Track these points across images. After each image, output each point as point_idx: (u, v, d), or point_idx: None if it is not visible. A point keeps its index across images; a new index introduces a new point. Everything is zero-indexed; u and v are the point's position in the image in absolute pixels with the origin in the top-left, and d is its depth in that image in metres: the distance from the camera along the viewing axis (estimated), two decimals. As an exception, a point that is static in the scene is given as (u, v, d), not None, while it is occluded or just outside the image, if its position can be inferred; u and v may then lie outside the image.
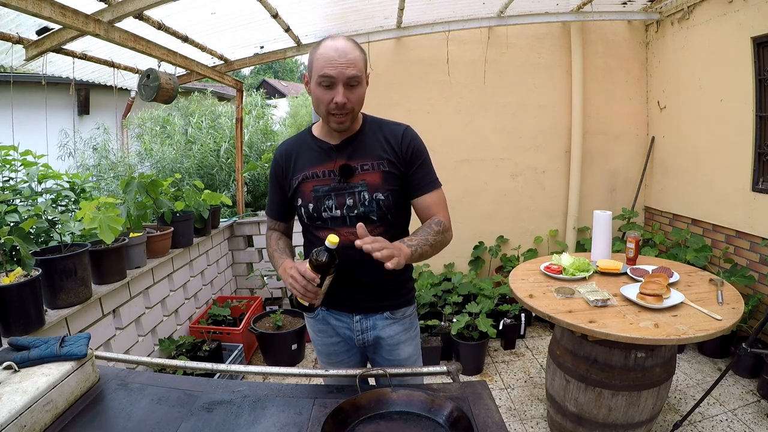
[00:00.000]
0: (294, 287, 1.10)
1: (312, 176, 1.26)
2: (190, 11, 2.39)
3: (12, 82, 2.60)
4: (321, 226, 1.28)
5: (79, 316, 1.88)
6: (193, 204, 2.92)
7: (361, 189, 1.24)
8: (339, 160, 1.25)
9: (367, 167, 1.25)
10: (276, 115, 8.99)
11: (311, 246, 1.34)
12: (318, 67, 1.14)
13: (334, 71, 1.12)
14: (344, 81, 1.13)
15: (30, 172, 2.39)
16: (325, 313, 1.39)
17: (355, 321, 1.35)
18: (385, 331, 1.35)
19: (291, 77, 23.76)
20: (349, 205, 1.24)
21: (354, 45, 1.16)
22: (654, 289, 1.72)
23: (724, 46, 2.85)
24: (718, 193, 3.01)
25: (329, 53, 1.13)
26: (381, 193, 1.24)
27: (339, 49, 1.13)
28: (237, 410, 0.99)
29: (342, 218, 1.25)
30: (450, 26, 3.28)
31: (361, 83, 1.17)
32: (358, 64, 1.15)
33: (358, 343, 1.38)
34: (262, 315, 3.12)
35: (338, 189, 1.24)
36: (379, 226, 1.27)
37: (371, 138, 1.28)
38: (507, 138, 3.64)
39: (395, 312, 1.36)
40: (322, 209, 1.25)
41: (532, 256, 3.57)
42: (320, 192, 1.25)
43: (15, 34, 2.16)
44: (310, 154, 1.29)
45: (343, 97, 1.14)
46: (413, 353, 1.42)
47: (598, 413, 1.84)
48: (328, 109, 1.17)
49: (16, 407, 0.83)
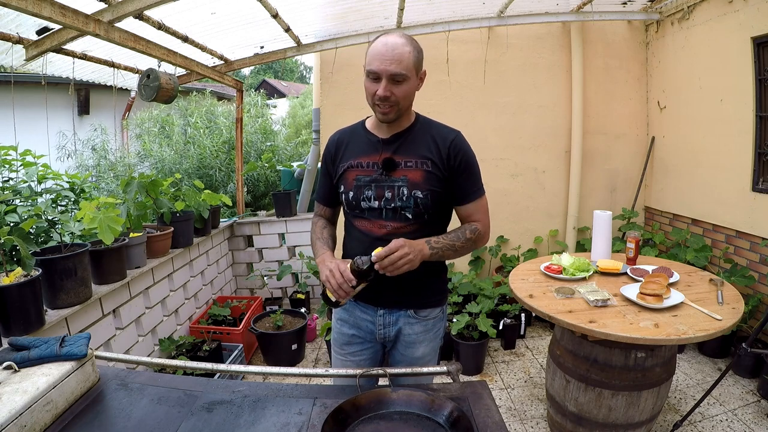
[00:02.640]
0: (329, 281, 1.14)
1: (357, 165, 1.30)
2: (190, 11, 2.39)
3: (12, 82, 2.59)
4: (359, 215, 1.31)
5: (79, 316, 1.88)
6: (193, 204, 2.93)
7: (401, 184, 1.25)
8: (384, 153, 1.28)
9: (411, 164, 1.26)
10: (276, 115, 8.99)
11: (348, 235, 1.40)
12: (368, 61, 1.19)
13: (378, 66, 1.16)
14: (387, 76, 1.16)
15: (30, 172, 2.39)
16: (351, 303, 1.39)
17: (379, 315, 1.36)
18: (405, 329, 1.36)
19: (291, 77, 23.76)
20: (387, 198, 1.26)
21: (405, 42, 1.18)
22: (654, 289, 1.72)
23: (724, 46, 2.85)
24: (718, 193, 3.01)
25: (378, 48, 1.17)
26: (420, 191, 1.25)
27: (388, 44, 1.16)
28: (237, 410, 0.99)
29: (379, 210, 1.27)
30: (450, 26, 3.28)
31: (406, 80, 1.19)
32: (404, 62, 1.16)
33: (379, 338, 1.38)
34: (262, 315, 3.12)
35: (379, 181, 1.27)
36: (414, 223, 1.28)
37: (419, 137, 1.29)
38: (507, 138, 3.64)
39: (419, 312, 1.36)
40: (361, 198, 1.28)
41: (532, 256, 3.57)
42: (362, 181, 1.28)
43: (15, 34, 2.16)
44: (358, 144, 1.33)
45: (385, 90, 1.17)
46: (427, 354, 1.42)
47: (598, 413, 1.84)
48: (374, 100, 1.21)
49: (16, 407, 0.83)
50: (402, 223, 1.27)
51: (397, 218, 1.27)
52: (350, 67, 3.46)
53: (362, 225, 1.31)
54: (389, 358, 1.44)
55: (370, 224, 1.29)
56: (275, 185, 5.59)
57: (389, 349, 1.43)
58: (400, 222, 1.27)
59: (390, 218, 1.27)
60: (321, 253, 1.30)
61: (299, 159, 5.82)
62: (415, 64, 1.20)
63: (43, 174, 2.49)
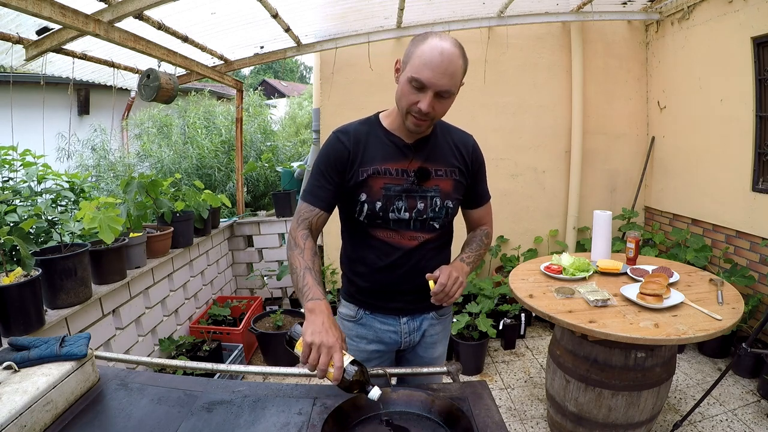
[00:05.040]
0: (310, 360, 0.89)
1: (384, 172, 1.17)
2: (190, 11, 2.39)
3: (12, 82, 2.59)
4: (381, 226, 1.20)
5: (79, 316, 1.88)
6: (193, 204, 2.93)
7: (434, 195, 1.20)
8: (415, 161, 1.19)
9: (441, 173, 1.21)
10: (276, 115, 8.98)
11: (363, 246, 1.24)
12: (414, 65, 1.04)
13: (429, 78, 1.03)
14: (436, 91, 1.05)
15: (29, 172, 2.39)
16: (369, 318, 1.31)
17: (402, 323, 1.30)
18: (429, 331, 1.34)
19: (291, 77, 23.74)
20: (419, 209, 1.19)
21: (459, 53, 1.06)
22: (654, 289, 1.72)
23: (724, 46, 2.85)
24: (718, 193, 3.01)
25: (433, 56, 1.02)
26: (451, 201, 1.22)
27: (444, 54, 1.02)
28: (237, 410, 0.98)
29: (407, 221, 1.20)
30: (450, 26, 3.28)
31: (451, 96, 1.09)
32: (455, 77, 1.06)
33: (405, 345, 1.33)
34: (262, 315, 3.12)
35: (411, 191, 1.18)
36: (439, 232, 1.25)
37: (443, 142, 1.24)
38: (507, 138, 3.64)
39: (439, 311, 1.35)
40: (390, 209, 1.18)
41: (532, 256, 3.57)
42: (392, 191, 1.17)
43: (15, 34, 2.16)
44: (381, 146, 1.19)
45: (429, 106, 1.06)
46: (443, 353, 1.42)
47: (598, 413, 1.84)
48: (410, 110, 1.09)
49: (16, 407, 0.83)
50: (431, 234, 1.23)
51: (426, 229, 1.22)
52: (350, 67, 3.46)
53: (387, 236, 1.21)
54: (404, 362, 1.39)
55: (398, 236, 1.21)
56: (275, 185, 5.59)
57: (405, 353, 1.38)
58: (429, 233, 1.23)
59: (418, 229, 1.21)
60: (313, 298, 1.00)
61: (299, 159, 5.82)
62: (462, 76, 1.09)
63: (42, 174, 2.49)
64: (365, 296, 1.29)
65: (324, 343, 0.89)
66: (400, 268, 1.23)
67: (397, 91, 1.12)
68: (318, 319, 0.94)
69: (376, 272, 1.25)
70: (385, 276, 1.24)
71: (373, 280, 1.26)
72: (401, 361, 1.40)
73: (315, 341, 0.89)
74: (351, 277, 1.31)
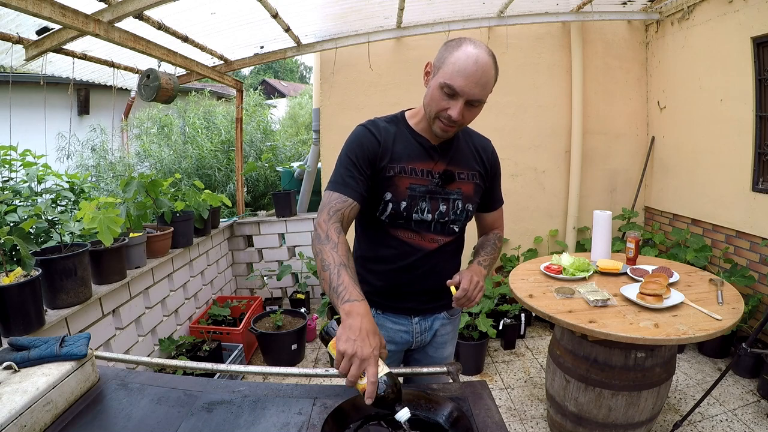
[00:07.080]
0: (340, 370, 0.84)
1: (410, 172, 1.16)
2: (190, 11, 2.39)
3: (11, 82, 2.59)
4: (402, 226, 1.19)
5: (79, 316, 1.88)
6: (193, 204, 2.93)
7: (456, 197, 1.21)
8: (440, 163, 1.19)
9: (464, 177, 1.22)
10: (275, 116, 8.98)
11: (382, 245, 1.22)
12: (447, 72, 1.04)
13: (462, 86, 1.03)
14: (468, 99, 1.05)
15: (29, 172, 2.39)
16: (381, 317, 1.30)
17: (414, 323, 1.30)
18: (439, 331, 1.35)
19: (291, 77, 23.72)
20: (441, 211, 1.19)
21: (493, 63, 1.06)
22: (654, 289, 1.72)
23: (724, 46, 2.85)
24: (718, 193, 3.01)
25: (468, 64, 1.02)
26: (471, 204, 1.24)
27: (479, 63, 1.02)
28: (237, 410, 0.98)
29: (429, 223, 1.20)
30: (450, 26, 3.28)
31: (481, 105, 1.09)
32: (488, 86, 1.06)
33: (416, 345, 1.33)
34: (262, 315, 3.12)
35: (434, 193, 1.18)
36: (455, 236, 1.26)
37: (465, 146, 1.25)
38: (507, 138, 3.64)
39: (450, 311, 1.35)
40: (414, 210, 1.17)
41: (532, 256, 3.57)
42: (417, 192, 1.17)
43: (15, 34, 2.16)
44: (409, 145, 1.18)
45: (459, 114, 1.06)
46: (452, 352, 1.43)
47: (598, 413, 1.84)
48: (439, 115, 1.09)
49: (16, 407, 0.83)
50: (450, 237, 1.24)
51: (445, 232, 1.23)
52: (350, 67, 3.46)
53: (408, 237, 1.21)
54: (413, 362, 1.39)
55: (419, 237, 1.21)
56: (275, 185, 5.59)
57: (414, 352, 1.38)
58: (448, 236, 1.24)
59: (438, 231, 1.22)
60: (350, 299, 0.91)
61: (299, 159, 5.82)
62: (493, 85, 1.10)
63: (42, 174, 2.49)
64: (378, 296, 1.28)
65: (358, 354, 0.82)
66: (418, 269, 1.23)
67: (426, 95, 1.11)
68: (356, 324, 0.86)
69: (393, 272, 1.24)
70: (402, 276, 1.25)
71: (389, 280, 1.26)
72: (410, 360, 1.40)
73: (348, 351, 0.82)
74: (364, 276, 1.29)
